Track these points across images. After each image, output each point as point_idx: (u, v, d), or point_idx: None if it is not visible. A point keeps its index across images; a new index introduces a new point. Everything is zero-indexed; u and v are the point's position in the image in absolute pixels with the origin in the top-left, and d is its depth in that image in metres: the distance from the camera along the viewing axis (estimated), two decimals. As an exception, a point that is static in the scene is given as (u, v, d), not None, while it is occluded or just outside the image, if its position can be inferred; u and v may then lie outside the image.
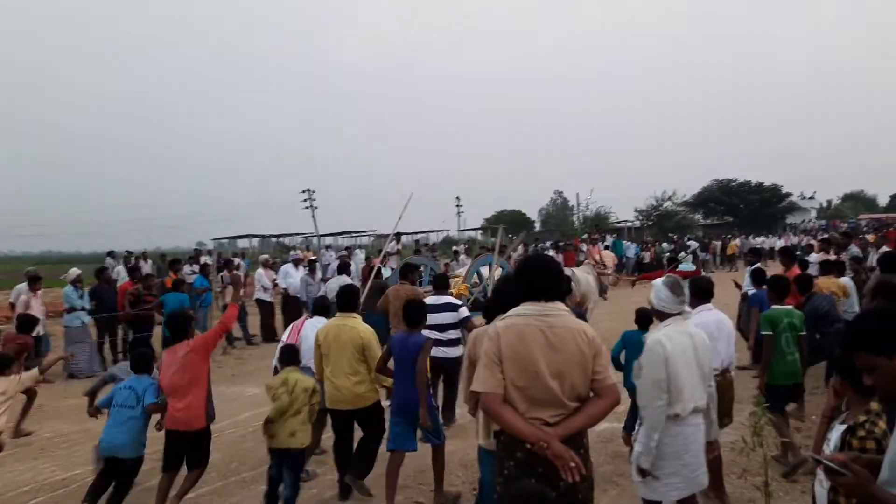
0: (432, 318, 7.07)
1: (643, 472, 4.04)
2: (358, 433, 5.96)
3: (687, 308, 4.28)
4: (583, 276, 12.37)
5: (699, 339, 4.17)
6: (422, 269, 12.03)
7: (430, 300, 7.48)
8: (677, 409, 3.96)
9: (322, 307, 7.01)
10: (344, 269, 14.52)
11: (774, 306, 6.40)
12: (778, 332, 6.14)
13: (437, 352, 6.87)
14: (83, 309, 12.10)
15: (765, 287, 7.31)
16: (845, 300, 9.13)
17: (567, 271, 11.98)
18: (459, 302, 6.99)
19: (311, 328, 6.47)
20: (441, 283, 8.14)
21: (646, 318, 6.37)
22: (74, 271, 12.38)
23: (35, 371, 6.46)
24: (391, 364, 5.68)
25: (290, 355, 5.80)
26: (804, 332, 6.33)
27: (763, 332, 6.23)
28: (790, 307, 6.51)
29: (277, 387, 5.42)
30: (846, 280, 9.61)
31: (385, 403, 5.97)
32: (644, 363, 4.06)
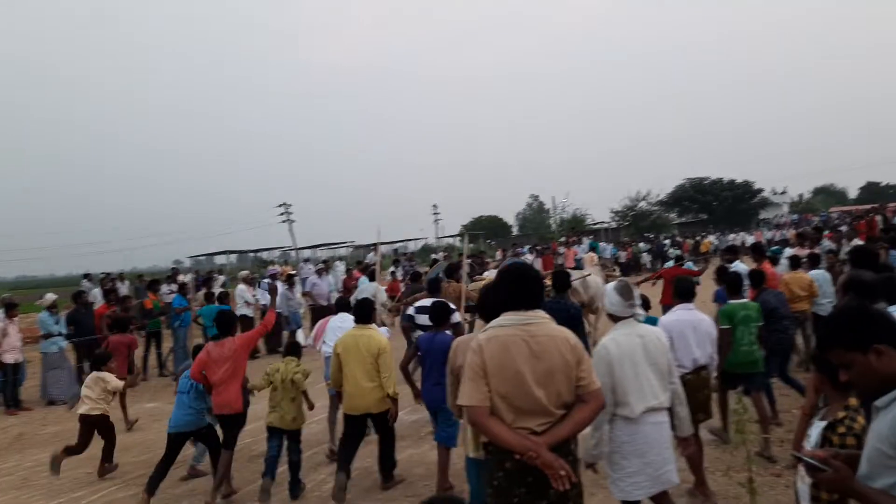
0: (425, 320, 7.33)
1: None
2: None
3: (638, 311, 4.40)
4: (592, 279, 12.73)
5: (651, 339, 4.25)
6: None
7: (424, 302, 7.85)
8: (625, 412, 4.08)
9: (344, 305, 7.76)
10: (372, 275, 14.98)
11: (731, 301, 6.71)
12: (735, 325, 6.44)
13: None
14: (60, 334, 11.94)
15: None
16: (815, 299, 9.36)
17: (577, 273, 12.65)
18: (453, 307, 7.24)
19: (336, 323, 7.38)
20: (434, 287, 8.48)
21: (645, 303, 6.74)
22: (50, 297, 12.24)
23: (122, 382, 7.75)
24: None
25: (293, 348, 6.82)
26: (761, 323, 6.68)
27: (721, 327, 6.45)
28: (745, 300, 6.84)
29: (272, 373, 6.43)
30: (817, 273, 9.76)
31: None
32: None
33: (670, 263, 15.80)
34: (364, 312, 6.36)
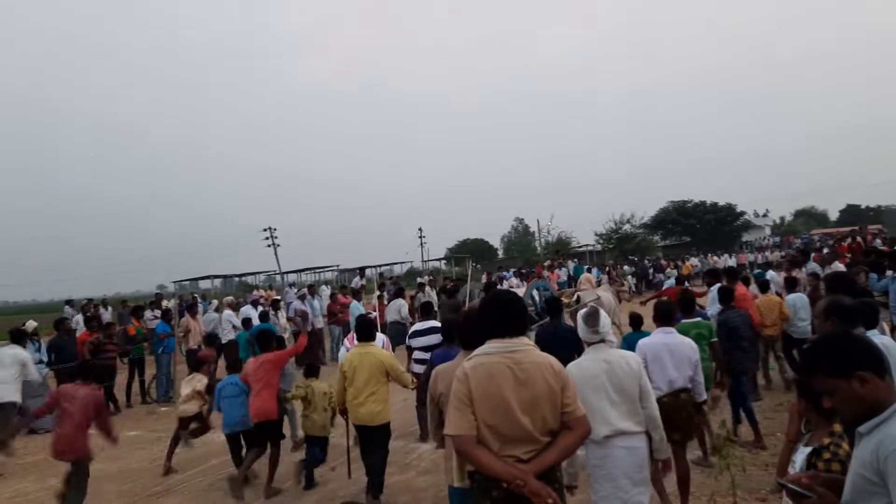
0: (421, 341, 8.39)
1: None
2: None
3: (610, 338, 4.53)
4: (605, 295, 13.61)
5: (618, 364, 4.32)
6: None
7: (417, 326, 8.78)
8: (599, 431, 4.17)
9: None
10: (399, 293, 16.51)
11: (683, 320, 6.89)
12: None
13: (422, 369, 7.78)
14: (40, 362, 11.78)
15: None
16: (787, 322, 9.87)
17: (591, 294, 13.92)
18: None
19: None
20: (426, 310, 9.39)
21: (638, 320, 7.20)
22: (31, 324, 12.12)
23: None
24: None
25: (312, 370, 7.71)
26: (714, 339, 6.94)
27: None
28: (697, 319, 7.09)
29: (305, 387, 7.36)
30: (794, 297, 10.19)
31: None
32: None
33: (671, 282, 16.12)
34: (365, 331, 6.77)
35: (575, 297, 14.93)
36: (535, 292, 13.99)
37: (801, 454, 3.00)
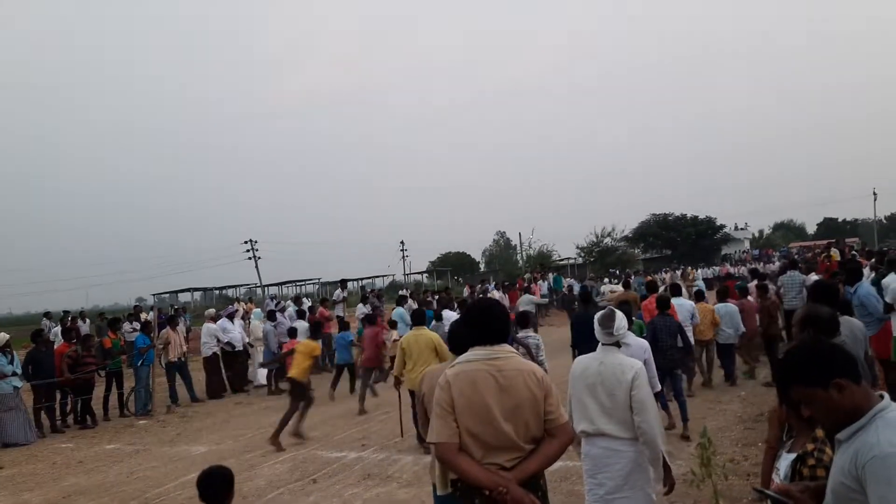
0: None
1: None
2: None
3: (623, 339, 4.55)
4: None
5: (611, 370, 4.31)
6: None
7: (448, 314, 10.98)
8: (581, 426, 4.32)
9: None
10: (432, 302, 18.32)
11: None
12: None
13: None
14: (14, 374, 11.59)
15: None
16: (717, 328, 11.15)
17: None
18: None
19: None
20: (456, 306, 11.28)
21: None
22: (2, 336, 11.88)
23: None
24: None
25: (420, 317, 9.40)
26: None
27: None
28: None
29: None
30: (721, 306, 11.48)
31: None
32: None
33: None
34: (420, 318, 9.14)
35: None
36: None
37: (786, 460, 3.00)
